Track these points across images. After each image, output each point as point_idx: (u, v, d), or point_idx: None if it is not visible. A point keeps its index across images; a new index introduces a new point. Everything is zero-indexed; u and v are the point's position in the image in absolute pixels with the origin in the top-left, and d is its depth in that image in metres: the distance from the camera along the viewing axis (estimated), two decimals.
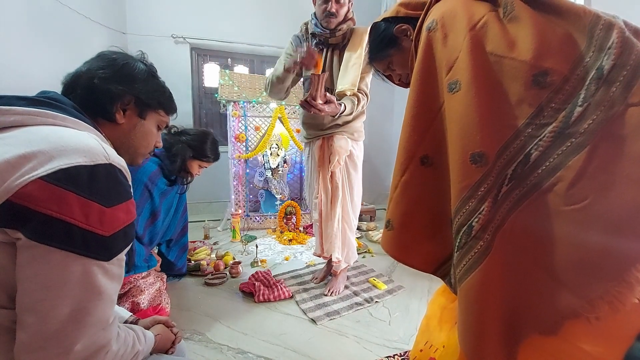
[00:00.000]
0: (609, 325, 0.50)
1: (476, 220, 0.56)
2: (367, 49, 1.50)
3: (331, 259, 1.73)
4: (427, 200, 0.67)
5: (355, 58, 1.50)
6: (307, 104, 1.34)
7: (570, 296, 0.51)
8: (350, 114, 1.53)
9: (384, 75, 0.90)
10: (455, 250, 0.59)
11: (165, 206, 1.63)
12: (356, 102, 1.53)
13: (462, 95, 0.58)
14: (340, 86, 1.49)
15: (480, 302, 0.56)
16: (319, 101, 1.34)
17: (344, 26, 1.53)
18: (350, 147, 1.68)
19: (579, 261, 0.50)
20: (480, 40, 0.58)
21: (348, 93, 1.49)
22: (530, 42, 0.54)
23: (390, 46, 0.79)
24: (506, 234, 0.55)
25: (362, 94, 1.58)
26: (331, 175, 1.70)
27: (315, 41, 1.60)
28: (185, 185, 1.69)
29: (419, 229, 0.68)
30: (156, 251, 1.79)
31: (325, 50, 1.60)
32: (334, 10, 1.47)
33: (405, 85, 0.86)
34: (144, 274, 1.48)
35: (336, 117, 1.48)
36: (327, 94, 1.39)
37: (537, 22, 0.55)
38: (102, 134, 0.62)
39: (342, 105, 1.46)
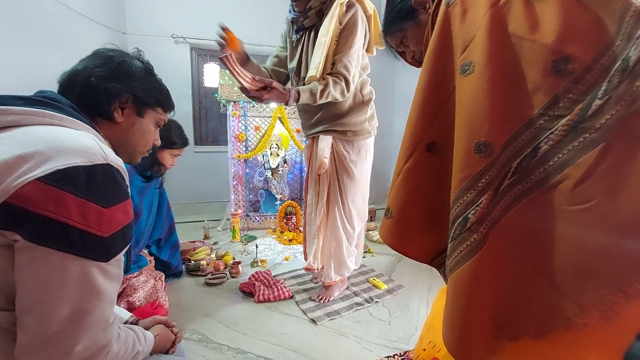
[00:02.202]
0: (607, 334, 0.47)
1: (473, 212, 0.53)
2: (352, 24, 1.33)
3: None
4: (429, 189, 0.64)
5: (321, 37, 1.31)
6: (243, 92, 1.24)
7: (561, 299, 0.49)
8: (314, 101, 1.33)
9: (396, 52, 0.84)
10: (449, 240, 0.57)
11: (146, 204, 1.61)
12: (320, 88, 1.29)
13: (474, 79, 0.53)
14: (307, 75, 1.33)
15: (468, 295, 0.54)
16: (248, 85, 1.20)
17: (312, 3, 1.36)
18: (341, 148, 1.51)
19: (575, 264, 0.48)
20: (502, 18, 0.52)
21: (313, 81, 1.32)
22: (555, 24, 0.49)
23: (406, 19, 0.74)
24: (503, 230, 0.53)
25: (338, 77, 1.33)
26: (318, 179, 1.61)
27: (295, 28, 1.48)
28: (161, 178, 1.66)
29: (419, 219, 0.66)
30: (147, 252, 1.79)
31: (303, 35, 1.46)
32: None
33: (418, 64, 0.80)
34: (135, 273, 1.50)
35: (288, 104, 1.30)
36: (263, 79, 1.24)
37: (565, 1, 0.50)
38: (100, 133, 0.62)
39: (293, 91, 1.27)
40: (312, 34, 1.42)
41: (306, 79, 1.34)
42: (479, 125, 0.52)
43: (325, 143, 1.51)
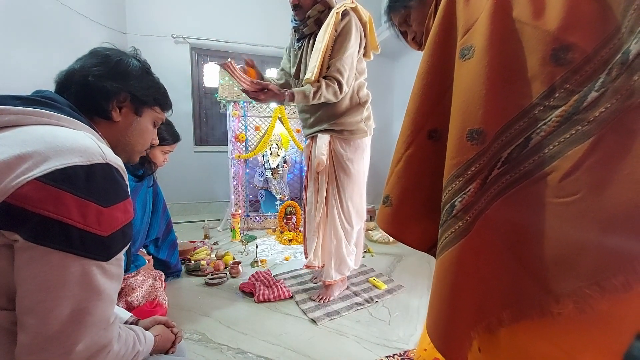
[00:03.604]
0: (593, 330, 0.47)
1: (459, 200, 0.53)
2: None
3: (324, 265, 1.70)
4: (430, 177, 0.63)
5: (318, 43, 1.40)
6: (244, 93, 1.37)
7: (538, 289, 0.49)
8: (308, 101, 1.41)
9: (398, 31, 0.84)
10: (439, 226, 0.57)
11: (139, 203, 1.59)
12: (313, 90, 1.38)
13: (473, 64, 0.52)
14: (305, 77, 1.43)
15: (450, 281, 0.53)
16: (248, 87, 1.33)
17: (311, 12, 1.47)
18: (338, 147, 1.56)
19: (555, 256, 0.48)
20: (507, 1, 0.51)
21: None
22: (560, 10, 0.47)
23: None
24: (488, 219, 0.52)
25: (331, 79, 1.42)
26: (317, 177, 1.64)
27: (297, 37, 1.58)
28: (153, 176, 1.62)
29: (419, 206, 0.65)
30: (145, 252, 1.79)
31: (303, 42, 1.55)
32: (296, 1, 1.46)
33: (418, 46, 0.79)
34: (133, 273, 1.50)
35: (283, 104, 1.41)
36: (260, 82, 1.35)
37: None
38: (98, 132, 0.62)
39: (287, 92, 1.39)
40: (311, 40, 1.51)
41: (303, 81, 1.43)
42: (474, 112, 0.51)
43: (323, 141, 1.56)
